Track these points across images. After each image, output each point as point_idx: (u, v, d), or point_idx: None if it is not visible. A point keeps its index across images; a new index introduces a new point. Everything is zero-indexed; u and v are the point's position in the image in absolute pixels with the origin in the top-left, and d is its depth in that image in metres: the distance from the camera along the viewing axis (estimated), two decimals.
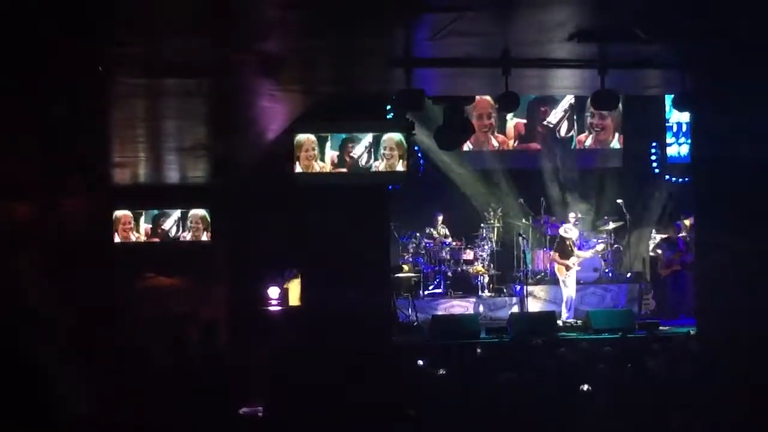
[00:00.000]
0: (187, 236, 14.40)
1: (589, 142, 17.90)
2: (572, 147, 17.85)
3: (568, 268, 15.54)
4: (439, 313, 15.73)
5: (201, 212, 14.39)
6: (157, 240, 14.40)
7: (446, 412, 8.15)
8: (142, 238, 14.37)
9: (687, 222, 16.29)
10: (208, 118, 10.89)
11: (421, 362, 11.12)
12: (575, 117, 17.75)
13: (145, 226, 14.42)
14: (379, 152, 11.45)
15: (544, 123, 17.79)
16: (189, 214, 14.40)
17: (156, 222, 14.41)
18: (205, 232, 14.38)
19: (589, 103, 16.12)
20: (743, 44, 8.09)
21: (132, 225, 14.33)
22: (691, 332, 12.87)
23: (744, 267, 8.40)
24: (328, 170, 11.38)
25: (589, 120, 17.74)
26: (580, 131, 17.84)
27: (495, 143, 17.86)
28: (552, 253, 16.00)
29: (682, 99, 9.85)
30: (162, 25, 7.58)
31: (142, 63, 8.44)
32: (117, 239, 14.28)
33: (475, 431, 7.77)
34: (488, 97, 16.24)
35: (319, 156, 11.36)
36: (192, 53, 8.34)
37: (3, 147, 10.75)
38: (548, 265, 16.79)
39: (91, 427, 8.08)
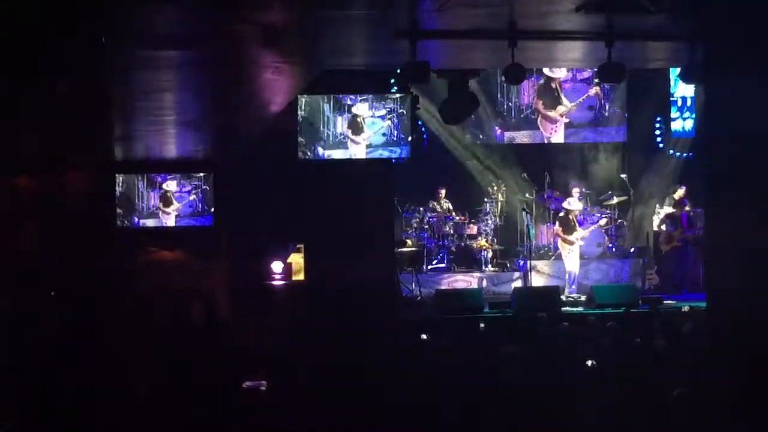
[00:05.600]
0: (189, 210, 14.35)
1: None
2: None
3: (571, 243, 15.55)
4: (443, 287, 15.72)
5: (204, 186, 14.33)
6: (159, 213, 14.35)
7: (449, 387, 8.14)
8: (145, 212, 14.33)
9: (679, 192, 16.38)
10: (210, 90, 10.81)
11: (424, 336, 11.12)
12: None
13: (147, 200, 14.37)
14: (384, 125, 11.41)
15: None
16: (191, 188, 14.35)
17: (158, 195, 14.36)
18: (207, 206, 14.32)
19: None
20: (752, 15, 8.00)
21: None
22: (685, 309, 12.94)
23: (753, 242, 8.34)
24: (332, 143, 11.35)
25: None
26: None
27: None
28: (555, 227, 15.98)
29: (689, 71, 9.76)
30: None
31: (142, 34, 8.35)
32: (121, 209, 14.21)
33: (479, 405, 7.75)
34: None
35: (324, 128, 11.33)
36: (193, 24, 8.25)
37: (5, 123, 10.70)
38: (552, 239, 16.77)
39: (93, 400, 8.08)
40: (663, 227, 16.27)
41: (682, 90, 16.97)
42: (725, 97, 8.78)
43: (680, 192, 16.48)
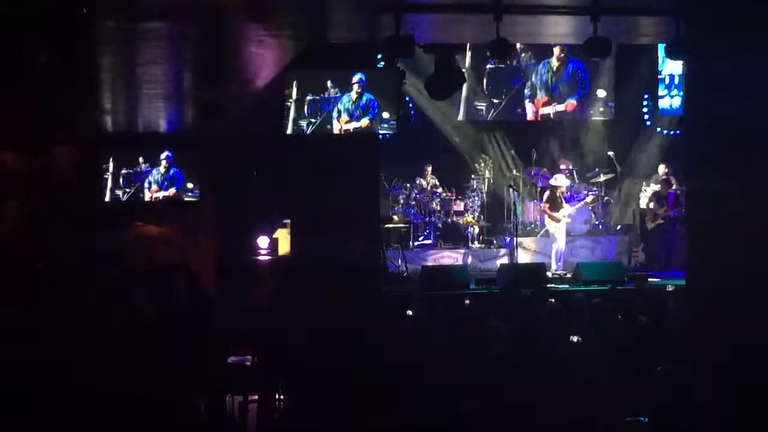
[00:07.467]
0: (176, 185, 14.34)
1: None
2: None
3: (558, 220, 15.56)
4: (429, 263, 15.74)
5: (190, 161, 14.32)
6: (145, 188, 14.32)
7: (434, 364, 8.15)
8: (132, 187, 14.31)
9: (661, 170, 16.42)
10: (195, 64, 10.74)
11: (410, 312, 11.11)
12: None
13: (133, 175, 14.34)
14: (369, 100, 11.35)
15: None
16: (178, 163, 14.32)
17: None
18: (194, 181, 14.30)
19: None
20: None
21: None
22: (669, 288, 12.97)
23: (736, 220, 8.34)
24: (318, 120, 11.30)
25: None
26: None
27: None
28: (543, 204, 15.99)
29: (675, 47, 9.73)
30: None
31: (125, 5, 8.27)
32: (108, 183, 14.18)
33: (464, 382, 7.76)
34: None
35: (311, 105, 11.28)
36: None
37: None
38: (539, 216, 16.78)
39: (80, 374, 8.06)
40: (651, 205, 16.32)
41: (670, 67, 16.93)
42: (712, 73, 8.73)
43: (661, 169, 16.55)
